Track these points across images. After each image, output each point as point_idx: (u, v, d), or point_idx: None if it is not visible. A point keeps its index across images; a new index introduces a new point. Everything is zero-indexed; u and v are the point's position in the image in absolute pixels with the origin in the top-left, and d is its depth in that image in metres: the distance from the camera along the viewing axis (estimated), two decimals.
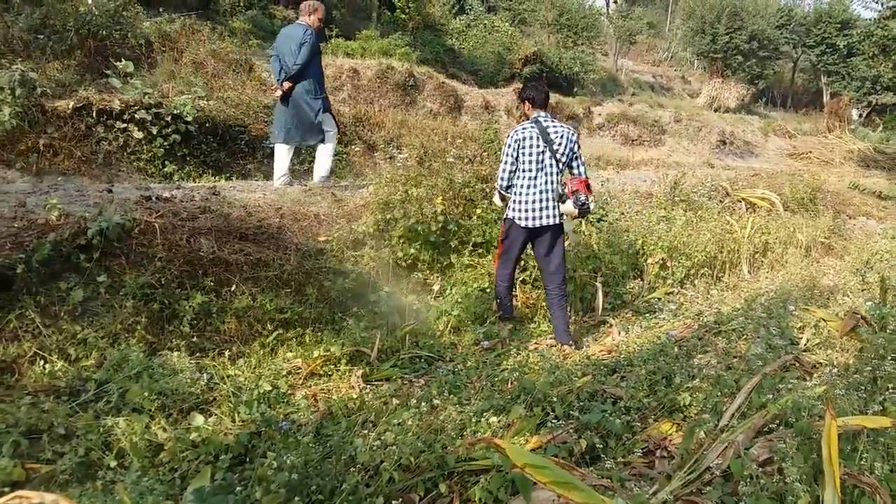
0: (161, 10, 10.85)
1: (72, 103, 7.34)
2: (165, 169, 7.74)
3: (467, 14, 20.03)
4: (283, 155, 7.19)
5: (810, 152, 20.12)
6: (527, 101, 5.19)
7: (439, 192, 6.36)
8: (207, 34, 10.42)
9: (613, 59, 25.59)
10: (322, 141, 7.27)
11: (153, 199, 5.75)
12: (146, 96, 7.71)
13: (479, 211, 6.47)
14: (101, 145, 7.40)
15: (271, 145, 7.45)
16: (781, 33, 26.28)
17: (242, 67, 10.38)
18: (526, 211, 5.07)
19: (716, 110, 22.08)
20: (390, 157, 9.43)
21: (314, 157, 7.60)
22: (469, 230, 6.33)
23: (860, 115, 26.94)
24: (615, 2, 30.80)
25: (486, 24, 19.30)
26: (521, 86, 15.00)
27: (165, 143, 7.75)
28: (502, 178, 5.16)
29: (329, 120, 7.27)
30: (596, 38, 22.41)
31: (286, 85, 6.94)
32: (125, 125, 7.54)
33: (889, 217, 13.27)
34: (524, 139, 5.02)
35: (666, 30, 35.20)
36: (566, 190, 5.08)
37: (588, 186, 5.15)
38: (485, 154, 9.06)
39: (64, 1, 8.80)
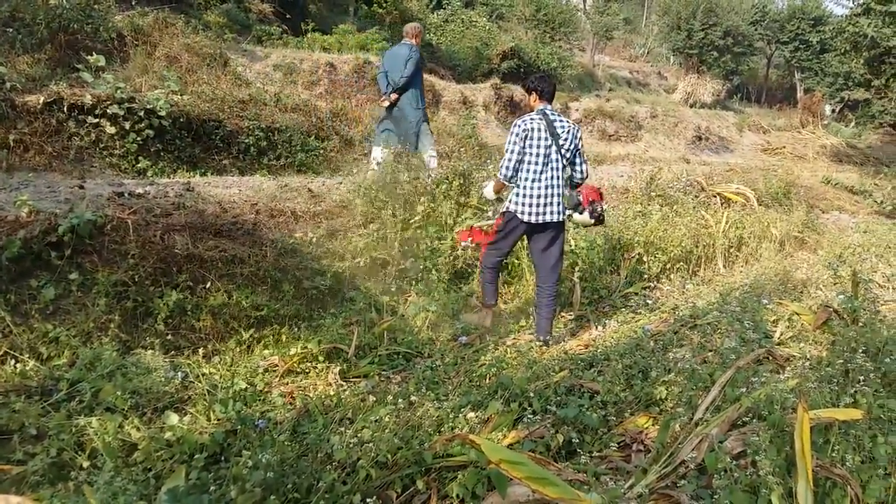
0: (133, 3, 10.67)
1: (42, 98, 7.21)
2: (139, 165, 7.63)
3: (445, 9, 19.97)
4: (375, 154, 7.96)
5: (784, 147, 20.33)
6: (534, 93, 5.01)
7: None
8: (181, 28, 10.27)
9: (590, 55, 25.68)
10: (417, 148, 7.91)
11: (126, 195, 5.67)
12: (118, 91, 7.59)
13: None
14: (72, 141, 7.28)
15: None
16: (756, 29, 26.51)
17: (217, 62, 10.25)
18: (530, 206, 4.87)
19: (691, 106, 22.25)
20: (367, 153, 9.40)
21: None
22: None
23: (833, 111, 27.30)
24: None
25: (464, 20, 19.24)
26: (498, 81, 14.92)
27: (139, 139, 7.63)
28: (507, 168, 4.89)
29: (427, 135, 8.06)
30: (573, 33, 22.42)
31: (393, 96, 7.89)
32: (97, 120, 7.42)
33: (861, 211, 13.48)
34: (532, 130, 4.84)
35: (642, 26, 35.40)
36: (580, 198, 5.00)
37: (601, 194, 5.13)
38: (462, 150, 9.07)
39: None
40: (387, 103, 7.99)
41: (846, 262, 7.53)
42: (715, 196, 10.71)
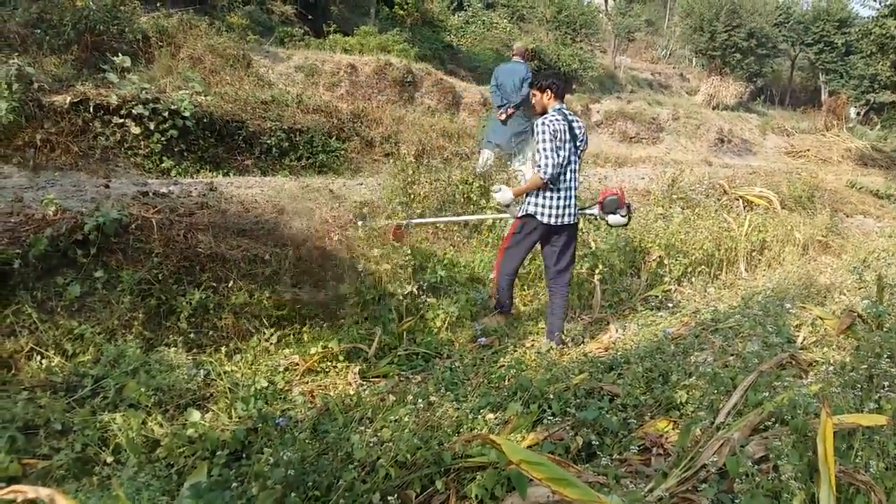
0: (158, 4, 10.80)
1: (69, 98, 7.31)
2: (163, 164, 7.71)
3: (466, 11, 20.02)
4: (485, 156, 8.66)
5: (808, 150, 20.11)
6: (548, 90, 4.88)
7: None
8: (205, 29, 10.38)
9: (612, 57, 25.57)
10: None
11: (150, 194, 5.74)
12: (143, 91, 7.69)
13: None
14: (98, 140, 7.38)
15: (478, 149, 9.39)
16: (780, 31, 26.27)
17: (240, 63, 10.35)
18: (550, 208, 4.80)
19: (714, 108, 22.09)
20: (387, 154, 9.47)
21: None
22: None
23: (858, 114, 26.96)
24: None
25: (485, 21, 19.29)
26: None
27: (163, 139, 7.72)
28: (552, 167, 4.66)
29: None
30: (594, 35, 22.34)
31: (510, 110, 8.69)
32: (122, 120, 7.51)
33: (886, 215, 13.29)
34: (557, 132, 4.71)
35: (664, 27, 35.18)
36: (619, 200, 5.06)
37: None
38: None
39: None
40: (503, 116, 8.72)
41: (871, 267, 7.42)
42: (737, 199, 10.62)
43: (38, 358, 4.01)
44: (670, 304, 6.02)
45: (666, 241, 7.23)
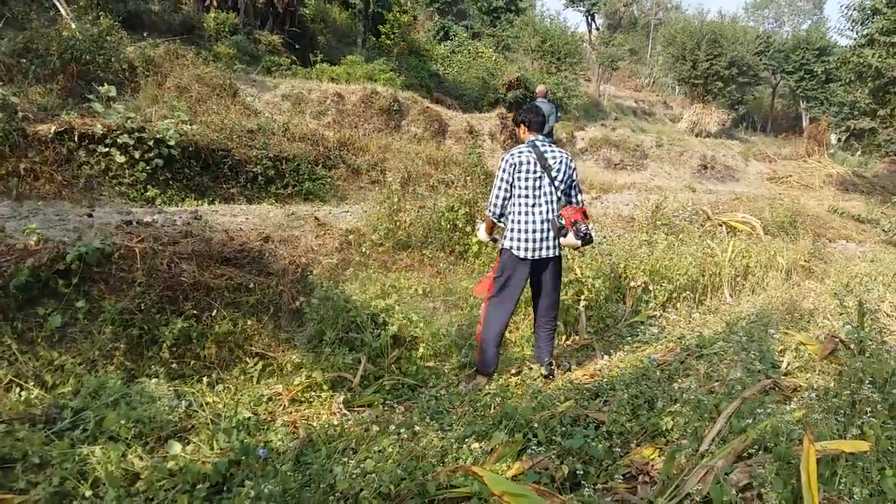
0: (145, 34, 10.86)
1: (53, 127, 7.30)
2: (147, 193, 7.69)
3: (452, 40, 20.24)
4: None
5: (790, 176, 20.38)
6: (522, 125, 4.84)
7: None
8: (191, 59, 10.46)
9: (596, 85, 25.90)
10: None
11: (134, 223, 5.72)
12: (129, 120, 7.69)
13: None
14: (82, 169, 7.36)
15: None
16: (760, 59, 26.72)
17: (226, 92, 10.40)
18: (526, 241, 4.61)
19: (697, 135, 22.36)
20: (373, 182, 9.51)
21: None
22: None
23: (839, 140, 27.38)
24: (597, 28, 31.25)
25: (471, 51, 19.52)
26: (505, 111, 15.07)
27: (148, 168, 7.71)
28: (495, 206, 4.66)
29: None
30: (578, 63, 22.65)
31: None
32: (107, 149, 7.50)
33: (868, 240, 13.43)
34: (520, 164, 4.60)
35: (647, 56, 35.74)
36: (564, 221, 4.62)
37: (585, 214, 4.78)
38: (468, 178, 9.12)
39: (47, 26, 8.82)
40: None
41: (853, 292, 7.48)
42: (721, 225, 10.71)
43: (18, 390, 3.95)
44: (655, 330, 6.03)
45: (650, 268, 7.26)
